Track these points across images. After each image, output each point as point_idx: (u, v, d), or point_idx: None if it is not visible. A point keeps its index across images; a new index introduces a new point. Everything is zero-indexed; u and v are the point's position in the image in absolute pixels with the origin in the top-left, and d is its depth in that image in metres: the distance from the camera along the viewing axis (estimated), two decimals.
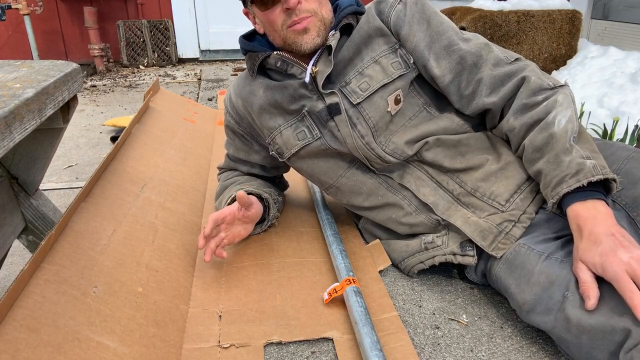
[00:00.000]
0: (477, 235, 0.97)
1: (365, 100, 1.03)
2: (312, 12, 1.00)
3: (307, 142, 1.10)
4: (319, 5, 1.01)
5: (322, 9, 1.02)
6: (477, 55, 1.01)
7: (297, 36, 1.01)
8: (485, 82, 1.00)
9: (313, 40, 1.01)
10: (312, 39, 1.01)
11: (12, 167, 1.06)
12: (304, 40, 1.01)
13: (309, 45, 1.01)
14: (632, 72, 2.45)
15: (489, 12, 2.87)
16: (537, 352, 0.89)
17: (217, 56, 4.21)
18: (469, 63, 1.01)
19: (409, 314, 1.00)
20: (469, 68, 1.01)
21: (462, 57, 1.01)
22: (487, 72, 1.00)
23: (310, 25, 1.00)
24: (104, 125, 2.33)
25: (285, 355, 0.89)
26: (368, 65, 1.03)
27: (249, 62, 1.12)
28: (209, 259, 1.03)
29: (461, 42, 1.02)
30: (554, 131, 0.91)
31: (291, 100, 1.07)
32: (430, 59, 1.02)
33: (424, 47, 1.03)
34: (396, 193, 1.09)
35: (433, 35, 1.03)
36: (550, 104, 0.94)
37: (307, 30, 1.00)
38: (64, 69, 0.98)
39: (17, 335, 0.67)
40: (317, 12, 1.00)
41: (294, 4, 0.96)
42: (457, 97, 1.04)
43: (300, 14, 0.98)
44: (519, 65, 1.00)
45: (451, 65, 1.01)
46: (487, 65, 1.00)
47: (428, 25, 1.03)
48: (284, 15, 0.99)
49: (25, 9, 3.33)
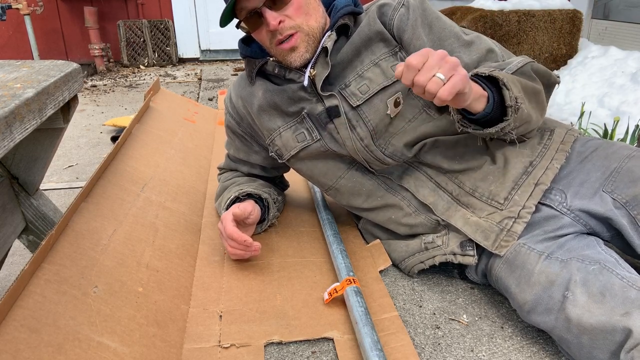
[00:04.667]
0: (480, 235, 0.97)
1: (365, 103, 1.02)
2: (296, 28, 0.98)
3: (307, 144, 1.10)
4: (305, 16, 0.99)
5: (310, 20, 0.99)
6: (477, 63, 1.00)
7: (285, 54, 1.00)
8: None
9: (302, 57, 1.00)
10: (300, 55, 1.00)
11: (12, 167, 1.06)
12: (293, 58, 1.00)
13: (298, 62, 1.01)
14: (632, 72, 2.44)
15: (490, 12, 2.86)
16: (537, 352, 0.88)
17: (217, 56, 4.22)
18: (469, 69, 0.98)
19: (410, 314, 1.00)
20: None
21: (465, 67, 0.98)
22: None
23: (298, 42, 0.99)
24: (104, 125, 2.33)
25: (286, 355, 0.89)
26: (368, 68, 1.02)
27: (247, 67, 1.12)
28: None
29: (462, 50, 1.01)
30: (497, 65, 0.96)
31: (290, 102, 1.07)
32: None
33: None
34: (395, 194, 1.09)
35: (435, 40, 1.02)
36: (510, 60, 0.97)
37: (294, 48, 0.99)
38: (64, 69, 0.98)
39: (18, 335, 0.67)
40: (302, 26, 0.98)
41: (274, 27, 0.95)
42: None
43: (284, 32, 0.97)
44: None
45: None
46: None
47: (430, 30, 1.02)
48: (269, 34, 0.99)
49: (25, 8, 3.33)
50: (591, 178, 0.96)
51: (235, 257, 1.11)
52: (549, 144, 1.03)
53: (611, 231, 0.93)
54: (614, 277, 0.80)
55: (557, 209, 0.96)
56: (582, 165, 0.99)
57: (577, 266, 0.83)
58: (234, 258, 1.11)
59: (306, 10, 0.99)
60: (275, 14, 0.95)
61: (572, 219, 0.94)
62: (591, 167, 0.98)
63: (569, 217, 0.94)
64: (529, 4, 2.96)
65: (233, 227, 1.05)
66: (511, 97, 0.86)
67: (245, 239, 1.05)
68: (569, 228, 0.93)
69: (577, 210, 0.94)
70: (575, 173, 0.99)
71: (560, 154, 1.02)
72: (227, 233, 1.05)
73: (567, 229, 0.93)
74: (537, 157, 1.01)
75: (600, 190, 0.93)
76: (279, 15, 0.96)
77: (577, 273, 0.82)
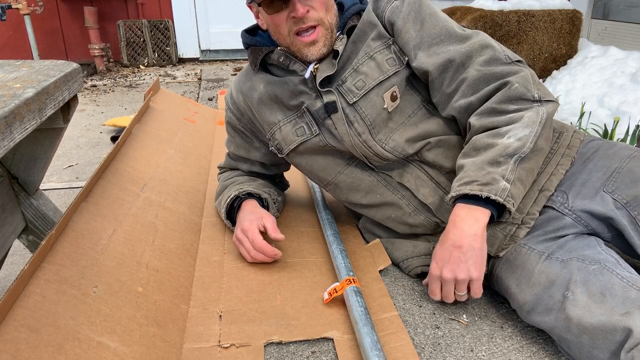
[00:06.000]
0: None
1: (362, 98, 1.02)
2: (319, 21, 0.98)
3: (306, 138, 1.09)
4: (326, 12, 0.99)
5: (329, 15, 1.00)
6: (466, 56, 0.97)
7: (304, 46, 1.00)
8: (468, 81, 0.96)
9: (319, 51, 1.00)
10: (318, 49, 1.00)
11: (12, 167, 1.06)
12: (311, 52, 1.00)
13: (315, 56, 1.01)
14: (632, 71, 2.44)
15: (489, 12, 2.86)
16: (537, 352, 0.88)
17: (217, 56, 4.21)
18: (457, 62, 0.97)
19: (409, 313, 1.00)
20: (455, 67, 0.97)
21: (450, 59, 0.97)
22: (473, 72, 0.96)
23: (319, 36, 0.99)
24: (104, 125, 2.33)
25: (286, 355, 0.89)
26: (363, 62, 1.02)
27: (252, 56, 1.11)
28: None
29: (453, 45, 0.98)
30: (498, 142, 0.90)
31: (291, 95, 1.07)
32: (417, 58, 1.00)
33: (412, 46, 1.01)
34: (395, 192, 1.09)
35: (424, 37, 1.00)
36: (515, 117, 0.92)
37: (315, 42, 0.99)
38: (64, 68, 0.97)
39: (18, 335, 0.67)
40: (324, 20, 0.98)
41: (302, 14, 0.95)
42: (438, 94, 1.02)
43: (307, 22, 0.97)
44: (513, 68, 0.95)
45: (436, 65, 0.98)
46: (475, 65, 0.96)
47: (422, 26, 1.01)
48: (290, 21, 0.98)
49: (25, 8, 3.33)
50: (592, 178, 0.96)
51: (254, 261, 1.13)
52: (555, 148, 1.02)
53: (612, 231, 0.93)
54: (615, 277, 0.80)
55: (559, 209, 0.96)
56: (584, 166, 0.99)
57: (578, 266, 0.83)
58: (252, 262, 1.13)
59: (327, 5, 0.99)
60: (304, 1, 0.95)
61: (574, 220, 0.94)
62: (592, 167, 0.98)
63: (570, 217, 0.94)
64: (529, 4, 2.96)
65: (263, 240, 1.09)
66: (507, 219, 0.92)
67: (277, 253, 1.09)
68: (569, 229, 0.93)
69: (579, 211, 0.94)
70: (577, 174, 0.99)
71: (566, 159, 1.01)
72: (258, 246, 1.08)
73: (567, 229, 0.93)
74: (542, 164, 1.00)
75: (601, 191, 0.93)
76: (307, 4, 0.96)
77: (577, 273, 0.82)
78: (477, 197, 0.88)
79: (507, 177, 0.87)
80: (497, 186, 0.86)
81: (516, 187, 0.88)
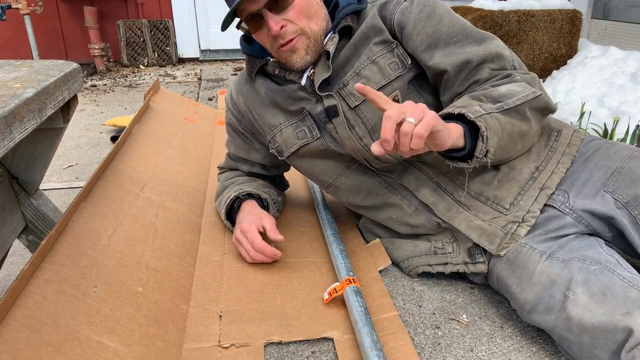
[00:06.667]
0: (485, 240, 0.97)
1: (363, 102, 1.02)
2: (298, 32, 0.97)
3: (307, 141, 1.09)
4: (307, 20, 0.98)
5: (311, 23, 0.99)
6: (482, 60, 0.97)
7: (287, 55, 1.00)
8: (479, 82, 0.98)
9: (302, 59, 1.00)
10: (301, 57, 1.00)
11: (12, 166, 1.06)
12: (294, 60, 1.00)
13: (299, 64, 1.00)
14: (632, 71, 2.44)
15: (489, 12, 2.86)
16: (537, 352, 0.88)
17: (217, 56, 4.21)
18: (472, 65, 0.97)
19: (409, 313, 0.99)
20: (469, 69, 0.97)
21: (467, 60, 0.97)
22: (484, 75, 0.97)
23: (298, 45, 0.98)
24: (104, 125, 2.33)
25: (286, 355, 0.89)
26: (365, 66, 1.01)
27: (248, 65, 1.12)
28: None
29: (470, 46, 0.98)
30: (485, 90, 0.93)
31: (291, 102, 1.07)
32: (433, 58, 0.98)
33: (427, 45, 0.99)
34: (396, 193, 1.09)
35: (442, 35, 0.98)
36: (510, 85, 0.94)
37: (295, 49, 0.99)
38: (64, 68, 0.97)
39: (18, 335, 0.67)
40: (304, 29, 0.98)
41: (276, 32, 0.95)
42: (449, 93, 1.01)
43: (286, 36, 0.97)
44: (525, 77, 0.96)
45: (454, 65, 0.97)
46: (486, 69, 0.97)
47: (439, 23, 0.98)
48: (270, 38, 0.98)
49: (25, 8, 3.33)
50: (593, 178, 0.96)
51: (253, 262, 1.13)
52: (555, 147, 1.02)
53: (613, 231, 0.93)
54: (615, 277, 0.80)
55: (560, 209, 0.96)
56: (585, 166, 0.99)
57: (579, 266, 0.83)
58: (252, 262, 1.13)
59: (308, 13, 0.98)
60: (277, 17, 0.95)
61: (574, 219, 0.94)
62: (593, 167, 0.98)
63: (571, 217, 0.94)
64: (529, 3, 2.96)
65: (262, 240, 1.09)
66: (481, 151, 0.86)
67: (276, 253, 1.10)
68: (570, 228, 0.93)
69: (580, 210, 0.94)
70: (577, 173, 0.99)
71: (567, 157, 1.01)
72: (257, 247, 1.08)
73: (568, 229, 0.93)
74: (543, 162, 1.01)
75: (602, 190, 0.93)
76: (281, 19, 0.95)
77: (578, 273, 0.82)
78: (451, 115, 0.88)
79: (484, 107, 0.87)
80: (472, 108, 0.86)
81: (493, 120, 0.87)
